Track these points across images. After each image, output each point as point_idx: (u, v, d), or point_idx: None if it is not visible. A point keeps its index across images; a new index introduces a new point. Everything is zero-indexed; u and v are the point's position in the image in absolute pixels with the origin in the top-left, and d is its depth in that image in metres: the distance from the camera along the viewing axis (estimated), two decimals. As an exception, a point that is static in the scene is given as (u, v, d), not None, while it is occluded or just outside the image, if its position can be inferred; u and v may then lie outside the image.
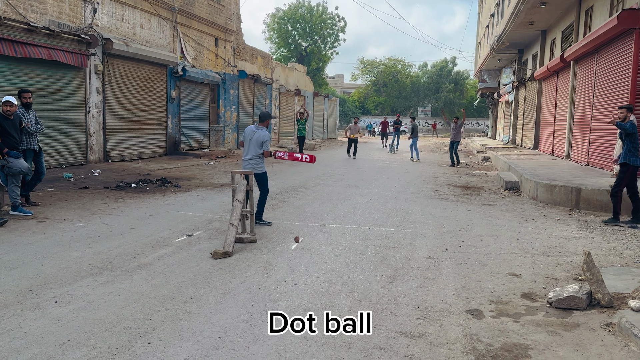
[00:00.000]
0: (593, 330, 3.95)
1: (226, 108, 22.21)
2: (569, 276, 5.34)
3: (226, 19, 22.24)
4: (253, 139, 7.38)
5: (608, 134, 12.64)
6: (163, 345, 3.54)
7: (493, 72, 37.23)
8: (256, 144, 7.36)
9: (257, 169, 7.41)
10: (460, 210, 9.16)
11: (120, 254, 5.80)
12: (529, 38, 24.05)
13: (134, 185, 10.74)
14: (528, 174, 11.64)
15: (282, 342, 3.64)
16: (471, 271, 5.47)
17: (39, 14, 12.50)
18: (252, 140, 7.38)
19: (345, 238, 6.86)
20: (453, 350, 3.60)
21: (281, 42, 50.56)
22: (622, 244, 6.81)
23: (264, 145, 7.36)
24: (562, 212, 9.16)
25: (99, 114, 14.66)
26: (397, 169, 17.12)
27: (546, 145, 20.43)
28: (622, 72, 11.87)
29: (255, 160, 7.36)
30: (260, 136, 7.37)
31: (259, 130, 7.43)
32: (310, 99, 35.07)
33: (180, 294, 4.57)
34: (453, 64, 69.70)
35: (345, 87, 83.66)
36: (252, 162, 7.37)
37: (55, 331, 3.73)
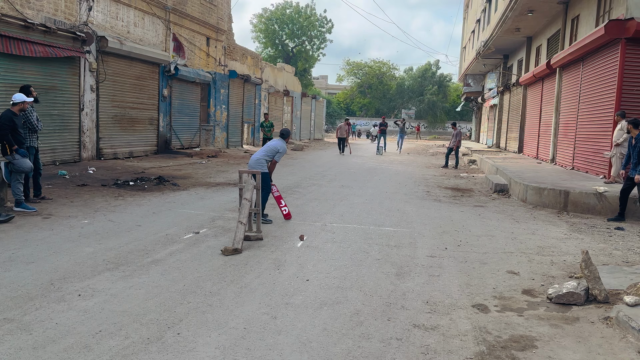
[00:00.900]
0: (592, 324, 4.24)
1: (216, 107, 22.29)
2: (565, 274, 5.64)
3: (218, 19, 22.32)
4: (271, 144, 7.70)
5: (593, 139, 13.08)
6: (192, 336, 3.72)
7: (478, 77, 37.87)
8: (270, 149, 7.64)
9: (258, 167, 7.51)
10: (454, 211, 9.45)
11: (131, 250, 5.93)
12: (514, 44, 24.59)
13: (131, 183, 10.82)
14: (516, 177, 12.00)
15: (305, 333, 3.84)
16: (472, 269, 5.74)
17: (35, 10, 12.49)
18: (270, 145, 7.70)
19: (347, 237, 7.08)
20: (465, 341, 3.84)
21: (268, 42, 50.69)
22: (610, 245, 7.16)
23: (275, 156, 7.63)
24: (551, 214, 9.51)
25: (93, 112, 14.66)
26: (388, 170, 17.41)
27: (531, 149, 20.94)
28: (607, 80, 12.31)
29: (262, 160, 7.54)
30: (278, 145, 7.67)
31: (280, 142, 7.77)
32: (298, 100, 35.27)
33: (199, 288, 4.74)
34: (437, 67, 70.56)
35: (330, 88, 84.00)
36: (260, 162, 7.51)
37: (86, 322, 3.88)
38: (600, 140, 12.46)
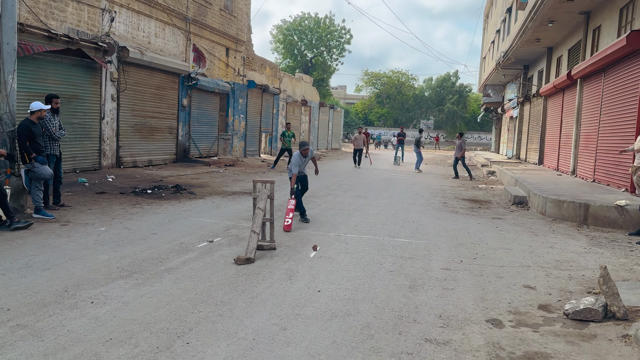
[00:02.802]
0: (610, 341, 4.12)
1: (235, 117, 22.48)
2: (583, 289, 5.50)
3: (237, 30, 22.57)
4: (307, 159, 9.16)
5: (615, 152, 12.83)
6: (201, 345, 3.71)
7: (497, 87, 37.55)
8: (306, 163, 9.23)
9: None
10: (470, 223, 9.34)
11: (146, 257, 5.97)
12: (535, 55, 24.35)
13: (149, 191, 10.93)
14: (536, 189, 11.82)
15: (314, 346, 3.81)
16: (487, 282, 5.64)
17: (59, 21, 12.78)
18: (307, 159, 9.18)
19: (361, 247, 7.03)
20: (477, 357, 3.76)
21: (287, 53, 51.06)
22: (631, 260, 6.98)
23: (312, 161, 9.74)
24: (570, 228, 9.32)
25: (113, 120, 14.90)
26: (404, 180, 17.31)
27: (551, 160, 20.63)
28: (629, 91, 12.10)
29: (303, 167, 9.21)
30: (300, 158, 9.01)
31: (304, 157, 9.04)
32: (315, 110, 35.39)
33: (210, 297, 4.74)
34: (456, 77, 70.29)
35: (348, 98, 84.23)
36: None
37: (97, 330, 3.90)
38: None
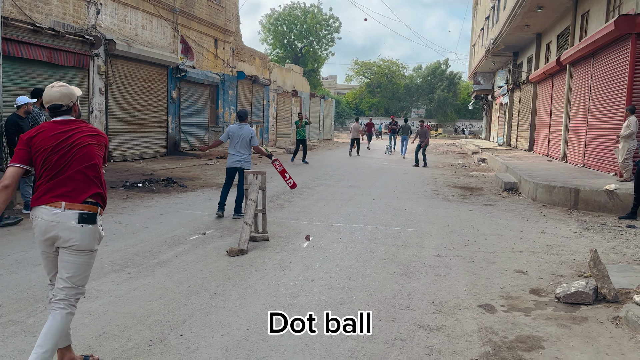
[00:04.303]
0: (601, 324, 4.16)
1: (225, 109, 22.35)
2: (574, 273, 5.55)
3: (225, 20, 22.38)
4: (242, 136, 7.88)
5: (604, 136, 12.92)
6: (195, 337, 3.71)
7: (487, 75, 37.60)
8: (245, 141, 7.89)
9: (246, 165, 7.98)
10: (462, 210, 9.38)
11: (138, 251, 5.95)
12: (524, 41, 24.38)
13: (140, 185, 10.87)
14: (526, 175, 11.88)
15: (308, 335, 3.82)
16: (479, 268, 5.68)
17: (43, 14, 12.60)
18: (241, 137, 7.87)
19: (354, 237, 7.04)
20: (470, 342, 3.79)
21: (277, 43, 50.77)
22: (621, 243, 7.05)
23: (252, 141, 7.93)
24: (561, 213, 9.39)
25: (102, 114, 14.76)
26: (396, 169, 17.34)
27: (541, 146, 20.74)
28: (618, 76, 12.15)
29: (245, 156, 7.93)
30: (248, 132, 7.93)
31: (244, 127, 7.98)
32: (306, 100, 35.28)
33: (203, 289, 4.73)
34: (446, 65, 70.26)
35: (339, 88, 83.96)
36: (244, 157, 7.94)
37: (89, 324, 3.89)
38: (612, 137, 12.28)
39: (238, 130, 7.94)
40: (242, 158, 7.94)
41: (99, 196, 3.08)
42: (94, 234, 3.03)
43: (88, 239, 3.01)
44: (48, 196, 2.98)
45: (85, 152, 3.05)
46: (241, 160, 7.93)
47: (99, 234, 3.07)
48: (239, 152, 7.92)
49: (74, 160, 3.01)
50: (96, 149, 3.11)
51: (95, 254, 3.13)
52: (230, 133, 7.97)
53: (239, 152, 7.92)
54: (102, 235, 3.11)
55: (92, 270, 5.12)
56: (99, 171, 3.10)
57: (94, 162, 3.07)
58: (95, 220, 3.02)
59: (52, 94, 3.12)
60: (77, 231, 2.96)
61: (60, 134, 3.05)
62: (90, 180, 3.05)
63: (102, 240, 3.16)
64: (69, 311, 3.05)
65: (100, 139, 3.17)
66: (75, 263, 3.02)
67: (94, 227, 3.02)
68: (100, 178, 3.11)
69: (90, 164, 3.05)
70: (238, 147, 7.91)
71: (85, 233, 2.98)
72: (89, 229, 2.99)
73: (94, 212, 3.02)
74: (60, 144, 3.02)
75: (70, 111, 3.18)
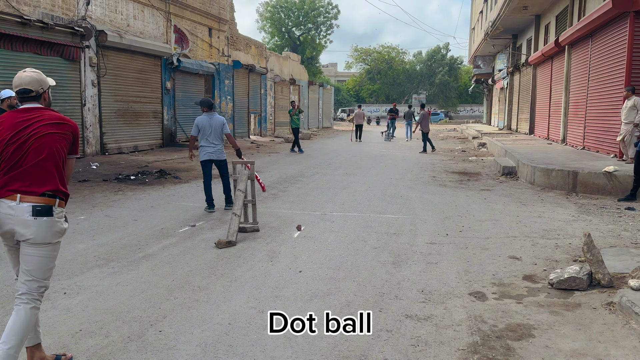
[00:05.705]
0: (594, 310, 4.04)
1: (221, 98, 22.15)
2: (569, 258, 5.43)
3: (219, 9, 22.10)
4: (213, 126, 7.61)
5: (603, 118, 12.72)
6: (174, 333, 3.60)
7: (487, 58, 37.20)
8: (217, 131, 7.63)
9: (221, 155, 7.76)
10: (458, 196, 9.24)
11: (124, 245, 5.84)
12: (523, 23, 24.03)
13: (133, 177, 10.76)
14: (525, 158, 11.72)
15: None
16: (472, 255, 5.55)
17: (32, 6, 12.40)
18: (212, 127, 7.61)
19: (346, 225, 6.92)
20: (458, 331, 3.68)
21: (274, 31, 50.35)
22: (619, 226, 6.91)
23: (224, 128, 7.68)
24: (559, 196, 9.25)
25: (95, 107, 14.61)
26: (395, 156, 17.18)
27: (541, 130, 20.52)
28: (616, 55, 11.92)
29: (219, 146, 7.70)
30: (218, 121, 7.66)
31: (213, 117, 7.70)
32: (305, 88, 35.02)
33: (188, 283, 4.63)
34: (446, 49, 69.67)
35: (339, 75, 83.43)
36: (217, 148, 7.70)
37: (67, 321, 3.78)
38: (611, 118, 12.09)
39: (208, 120, 7.61)
40: (216, 149, 7.67)
41: (57, 189, 2.96)
42: (50, 227, 2.91)
43: (45, 232, 2.89)
44: (4, 190, 2.87)
45: (42, 143, 2.92)
46: (215, 151, 7.67)
47: (58, 226, 2.95)
48: (212, 143, 7.64)
49: (30, 151, 2.90)
50: (57, 138, 2.98)
51: (57, 247, 3.02)
52: (200, 125, 7.63)
53: (212, 143, 7.64)
54: (63, 228, 2.99)
55: (76, 266, 5.05)
56: (58, 162, 2.98)
57: (51, 153, 2.94)
58: (51, 212, 2.90)
59: (23, 78, 3.03)
60: (31, 224, 2.86)
61: (18, 123, 2.93)
62: (47, 172, 2.93)
63: (65, 233, 3.03)
64: (33, 305, 2.94)
65: (64, 127, 3.04)
66: (35, 256, 2.91)
67: (50, 220, 2.90)
68: (60, 169, 2.99)
69: (46, 156, 2.93)
70: (211, 139, 7.63)
71: (40, 226, 2.87)
72: (44, 222, 2.88)
73: (50, 204, 2.90)
74: (16, 135, 2.90)
75: (39, 98, 3.08)
